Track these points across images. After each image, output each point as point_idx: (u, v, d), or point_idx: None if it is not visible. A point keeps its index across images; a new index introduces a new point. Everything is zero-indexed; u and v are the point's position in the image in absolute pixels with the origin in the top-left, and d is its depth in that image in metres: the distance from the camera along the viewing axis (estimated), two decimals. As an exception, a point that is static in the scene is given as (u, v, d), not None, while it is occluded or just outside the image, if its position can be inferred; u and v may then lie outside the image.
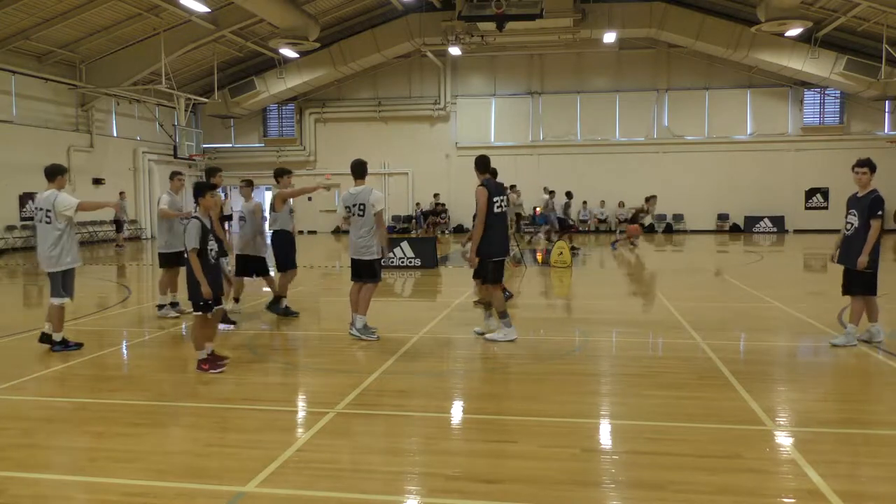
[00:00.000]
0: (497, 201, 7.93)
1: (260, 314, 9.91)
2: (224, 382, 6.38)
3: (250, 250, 9.67)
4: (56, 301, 7.63)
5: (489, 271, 7.98)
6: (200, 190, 6.70)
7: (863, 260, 7.36)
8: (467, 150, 30.19)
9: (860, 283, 7.51)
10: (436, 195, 30.63)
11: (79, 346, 7.78)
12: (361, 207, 8.08)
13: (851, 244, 7.50)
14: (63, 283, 7.67)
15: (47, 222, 7.51)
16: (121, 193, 25.24)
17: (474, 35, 24.71)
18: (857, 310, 7.56)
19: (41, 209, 7.56)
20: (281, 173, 9.97)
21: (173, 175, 10.17)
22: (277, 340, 8.57)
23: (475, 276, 8.32)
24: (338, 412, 5.48)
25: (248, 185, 10.27)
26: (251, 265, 9.74)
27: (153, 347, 8.17)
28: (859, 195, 7.55)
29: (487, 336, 8.10)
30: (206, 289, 6.42)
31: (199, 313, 6.63)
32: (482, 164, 8.10)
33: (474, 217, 8.16)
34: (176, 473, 4.36)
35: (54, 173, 7.67)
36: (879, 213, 7.31)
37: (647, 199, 21.38)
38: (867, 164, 7.54)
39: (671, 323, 9.23)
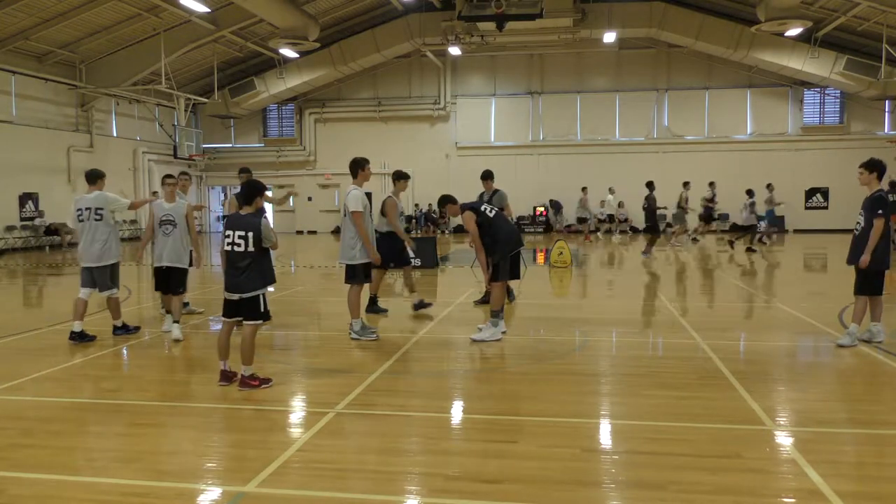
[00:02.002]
0: (486, 209, 8.20)
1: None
2: (224, 382, 6.38)
3: (177, 261, 8.43)
4: (106, 293, 8.40)
5: (500, 270, 8.03)
6: (260, 190, 6.42)
7: (864, 259, 7.36)
8: (467, 150, 30.23)
9: (866, 283, 7.52)
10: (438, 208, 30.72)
11: (137, 328, 8.72)
12: (345, 208, 8.03)
13: (857, 244, 7.52)
14: (111, 275, 8.42)
15: (97, 219, 8.22)
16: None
17: (474, 35, 24.72)
18: (860, 309, 7.56)
19: (89, 208, 8.26)
20: (400, 176, 9.77)
21: (181, 175, 9.91)
22: (277, 340, 8.57)
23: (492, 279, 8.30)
24: (338, 412, 5.47)
25: (175, 183, 8.87)
26: (174, 278, 8.45)
27: (153, 347, 8.16)
28: (867, 195, 7.57)
29: (474, 337, 8.05)
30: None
31: (259, 322, 6.30)
32: (449, 200, 8.43)
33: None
34: (176, 473, 4.35)
35: (95, 177, 8.47)
36: (880, 211, 7.32)
37: None
38: (865, 165, 7.60)
39: (671, 323, 9.24)
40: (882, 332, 7.66)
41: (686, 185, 21.05)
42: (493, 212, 8.22)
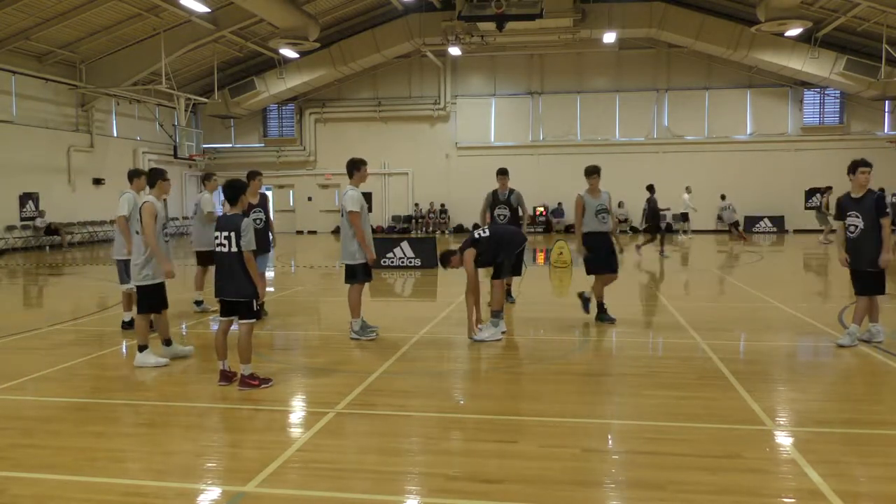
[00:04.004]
0: (478, 235, 8.19)
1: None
2: (224, 382, 6.37)
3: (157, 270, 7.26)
4: (122, 287, 8.82)
5: (503, 268, 8.10)
6: (242, 189, 6.32)
7: (886, 258, 7.26)
8: (467, 150, 30.21)
9: (872, 283, 7.49)
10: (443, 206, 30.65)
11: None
12: (343, 208, 8.04)
13: (860, 246, 7.43)
14: (126, 271, 8.45)
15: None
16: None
17: (474, 35, 24.71)
18: (862, 309, 7.55)
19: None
20: (591, 171, 9.11)
21: (209, 176, 10.49)
22: (277, 340, 8.57)
23: (494, 277, 8.30)
24: (338, 412, 5.48)
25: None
26: (162, 293, 7.35)
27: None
28: (854, 195, 7.49)
29: (474, 336, 8.07)
30: (262, 291, 6.27)
31: (252, 321, 6.28)
32: (451, 254, 8.28)
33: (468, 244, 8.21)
34: (176, 473, 4.36)
35: (131, 176, 8.51)
36: (888, 210, 7.35)
37: None
38: (870, 165, 7.52)
39: (671, 323, 9.23)
40: (882, 331, 7.66)
41: (827, 190, 23.05)
42: (486, 231, 8.30)
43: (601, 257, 8.96)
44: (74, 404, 5.81)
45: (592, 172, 9.11)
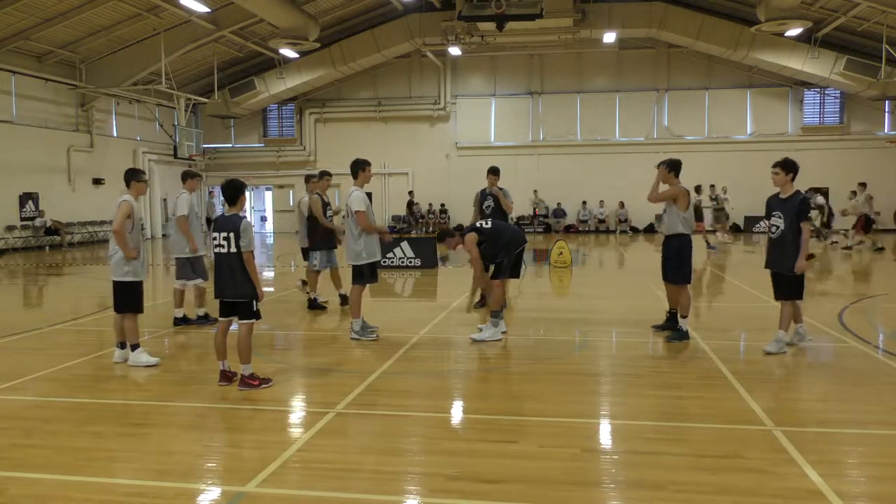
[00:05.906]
0: (481, 224, 8.22)
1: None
2: (224, 382, 6.37)
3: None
4: (175, 283, 9.29)
5: (502, 268, 8.07)
6: (241, 189, 6.28)
7: (801, 265, 7.08)
8: (467, 150, 30.21)
9: (790, 287, 7.27)
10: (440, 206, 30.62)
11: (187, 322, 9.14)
12: (348, 208, 8.11)
13: (779, 248, 7.24)
14: (187, 268, 9.14)
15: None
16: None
17: (474, 35, 24.71)
18: (787, 314, 7.35)
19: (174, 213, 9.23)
20: (672, 166, 8.17)
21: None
22: (277, 340, 8.57)
23: (493, 276, 8.27)
24: (338, 412, 5.48)
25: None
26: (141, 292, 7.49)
27: (153, 347, 8.16)
28: (781, 196, 7.29)
29: (474, 337, 8.07)
30: (261, 291, 6.31)
31: (252, 321, 6.26)
32: (447, 234, 8.34)
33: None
34: (176, 473, 4.36)
35: (185, 177, 9.19)
36: (810, 215, 7.18)
37: None
38: (780, 164, 7.30)
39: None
40: (805, 333, 7.63)
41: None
42: (489, 223, 8.29)
43: (664, 262, 8.48)
44: (74, 404, 5.81)
45: (675, 167, 8.24)
